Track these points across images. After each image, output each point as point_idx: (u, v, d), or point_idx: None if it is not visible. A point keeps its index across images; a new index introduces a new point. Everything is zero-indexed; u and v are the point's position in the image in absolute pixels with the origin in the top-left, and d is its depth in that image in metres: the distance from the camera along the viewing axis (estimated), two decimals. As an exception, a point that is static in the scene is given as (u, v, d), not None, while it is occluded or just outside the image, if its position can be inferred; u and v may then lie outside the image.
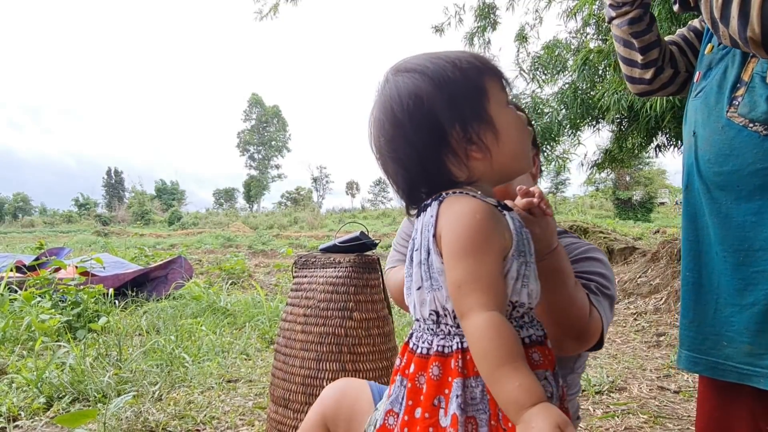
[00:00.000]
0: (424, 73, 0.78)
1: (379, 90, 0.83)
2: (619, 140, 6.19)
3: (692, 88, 1.10)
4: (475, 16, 6.94)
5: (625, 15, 1.16)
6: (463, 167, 0.79)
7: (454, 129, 0.77)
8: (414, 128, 0.77)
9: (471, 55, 0.82)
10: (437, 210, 0.76)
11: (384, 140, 0.81)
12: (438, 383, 0.73)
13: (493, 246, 0.72)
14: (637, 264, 6.31)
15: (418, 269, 0.78)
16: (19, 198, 57.12)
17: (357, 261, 1.96)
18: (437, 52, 0.82)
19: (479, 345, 0.68)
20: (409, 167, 0.80)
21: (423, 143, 0.78)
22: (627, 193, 28.69)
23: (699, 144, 1.02)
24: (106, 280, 5.02)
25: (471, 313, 0.69)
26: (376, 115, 0.82)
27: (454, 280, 0.71)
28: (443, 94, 0.77)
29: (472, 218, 0.72)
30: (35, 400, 2.37)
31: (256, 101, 60.89)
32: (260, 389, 2.67)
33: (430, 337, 0.77)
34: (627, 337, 3.99)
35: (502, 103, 0.81)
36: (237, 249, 14.85)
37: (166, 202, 51.30)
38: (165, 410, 2.31)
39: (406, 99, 0.77)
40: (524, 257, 0.76)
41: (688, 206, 1.08)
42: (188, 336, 3.61)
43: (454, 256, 0.72)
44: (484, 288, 0.69)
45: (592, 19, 5.64)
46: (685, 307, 1.09)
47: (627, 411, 2.37)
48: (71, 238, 21.70)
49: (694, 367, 1.04)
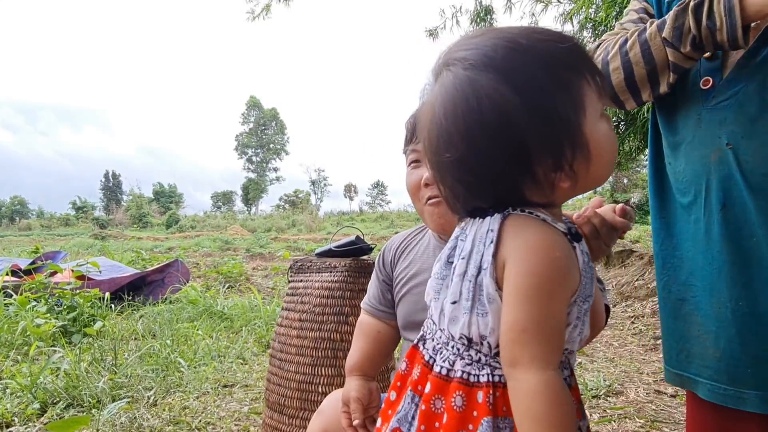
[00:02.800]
0: (510, 77, 0.61)
1: (442, 83, 0.66)
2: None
3: (697, 96, 1.00)
4: (472, 19, 6.96)
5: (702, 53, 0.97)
6: (543, 194, 0.66)
7: (543, 156, 0.63)
8: (493, 149, 0.63)
9: (565, 48, 0.64)
10: (500, 226, 0.65)
11: (451, 157, 0.65)
12: (461, 416, 0.65)
13: (565, 291, 0.63)
14: (635, 267, 6.32)
15: (458, 281, 0.67)
16: (16, 201, 57.00)
17: (353, 265, 1.95)
18: (520, 37, 0.64)
19: (533, 409, 0.59)
20: (477, 190, 0.67)
21: (501, 167, 0.64)
22: (625, 196, 28.74)
23: (745, 157, 0.92)
24: (102, 284, 5.00)
25: (529, 366, 0.60)
26: (440, 122, 0.65)
27: (516, 322, 0.61)
28: (534, 109, 0.61)
29: (551, 256, 0.62)
30: (29, 405, 2.35)
31: (254, 104, 60.91)
32: (256, 394, 2.66)
33: (452, 356, 0.68)
34: (624, 340, 3.98)
35: (597, 116, 0.66)
36: (235, 252, 14.82)
37: (163, 205, 51.21)
38: (160, 416, 2.30)
39: (489, 113, 0.62)
40: (588, 302, 0.68)
41: (728, 227, 0.95)
42: (184, 340, 3.60)
43: (523, 296, 0.62)
44: (546, 340, 0.61)
45: (589, 22, 5.65)
46: (740, 343, 0.94)
47: (624, 415, 2.37)
48: (68, 241, 21.65)
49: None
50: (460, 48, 0.66)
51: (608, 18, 4.81)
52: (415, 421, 0.69)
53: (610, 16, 4.74)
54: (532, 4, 6.66)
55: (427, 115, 0.68)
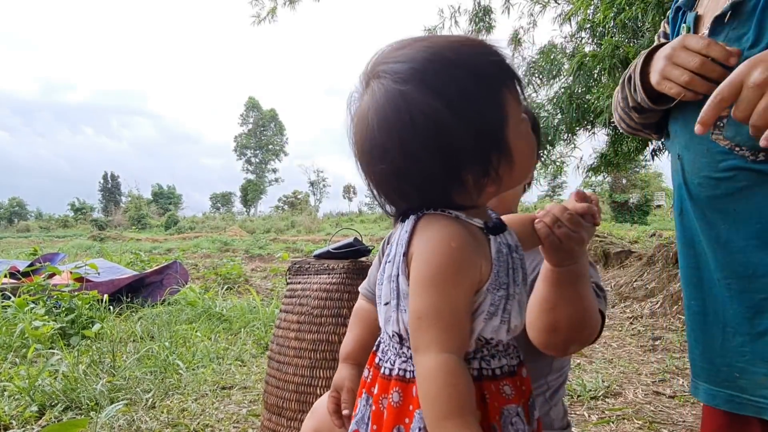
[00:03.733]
0: (442, 92, 0.65)
1: (373, 94, 0.68)
2: (614, 144, 6.21)
3: (669, 112, 1.06)
4: (471, 18, 6.96)
5: (647, 119, 1.08)
6: (469, 198, 0.70)
7: (473, 166, 0.67)
8: (426, 160, 0.66)
9: (489, 60, 0.68)
10: (412, 227, 0.70)
11: (386, 168, 0.68)
12: (398, 411, 0.68)
13: (463, 280, 0.66)
14: (633, 267, 6.33)
15: (388, 283, 0.72)
16: (14, 202, 56.92)
17: (351, 267, 1.95)
18: (444, 47, 0.67)
19: (429, 389, 0.63)
20: (410, 196, 0.70)
21: (432, 177, 0.67)
22: (623, 196, 28.77)
23: (686, 167, 0.98)
24: (100, 285, 4.99)
25: (426, 351, 0.64)
26: (373, 134, 0.68)
27: (414, 310, 0.66)
28: (466, 126, 0.65)
29: (446, 246, 0.66)
30: (27, 408, 2.35)
31: (252, 105, 60.92)
32: (255, 396, 2.66)
33: (393, 356, 0.73)
34: (623, 341, 3.99)
35: (518, 122, 0.70)
36: (233, 253, 14.82)
37: (162, 206, 51.18)
38: (158, 418, 2.30)
39: (421, 127, 0.65)
40: (505, 290, 0.70)
41: (685, 231, 1.03)
42: (183, 342, 3.60)
43: (419, 284, 0.66)
44: (445, 326, 0.64)
45: (587, 23, 5.66)
46: (694, 338, 1.04)
47: (622, 417, 2.37)
48: (67, 243, 21.63)
49: (712, 400, 0.98)
50: (389, 60, 0.69)
51: (606, 19, 4.82)
52: (370, 421, 0.72)
53: (608, 17, 4.75)
54: (530, 4, 6.67)
55: (359, 127, 0.70)
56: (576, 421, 2.35)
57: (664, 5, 3.94)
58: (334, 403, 0.99)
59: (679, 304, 4.56)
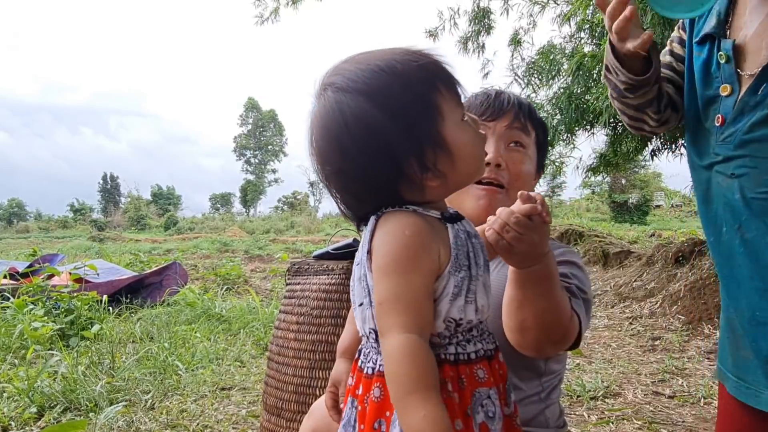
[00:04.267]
0: (371, 96, 0.71)
1: (318, 105, 0.76)
2: (614, 144, 6.22)
3: (713, 131, 1.03)
4: (470, 20, 6.97)
5: (644, 96, 1.09)
6: (418, 193, 0.75)
7: (409, 161, 0.72)
8: (365, 160, 0.72)
9: (420, 65, 0.74)
10: (374, 226, 0.74)
11: (331, 170, 0.75)
12: (379, 405, 0.71)
13: (420, 264, 0.70)
14: (633, 268, 6.32)
15: (358, 284, 0.76)
16: (14, 203, 56.86)
17: (350, 268, 1.94)
18: (378, 57, 0.74)
19: (391, 368, 0.66)
20: (360, 196, 0.76)
21: (375, 175, 0.73)
22: (623, 196, 28.76)
23: (744, 183, 0.99)
24: (100, 286, 4.99)
25: (389, 333, 0.67)
26: (318, 142, 0.75)
27: (376, 297, 0.70)
28: (396, 122, 0.71)
29: (401, 234, 0.70)
30: (26, 409, 2.35)
31: (252, 105, 60.89)
32: (254, 397, 2.66)
33: (374, 355, 0.75)
34: (622, 341, 3.99)
35: (455, 119, 0.75)
36: (233, 254, 14.80)
37: (162, 207, 51.09)
38: (157, 419, 2.29)
39: (355, 130, 0.71)
40: (467, 271, 0.74)
41: (746, 245, 1.01)
42: (182, 343, 3.59)
43: (379, 273, 0.70)
44: (404, 309, 0.67)
45: (586, 24, 5.66)
46: None
47: (621, 417, 2.37)
48: (66, 244, 21.62)
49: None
50: (332, 74, 0.76)
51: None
52: (356, 423, 0.74)
53: (607, 17, 4.74)
54: (529, 5, 6.68)
55: (309, 136, 0.78)
56: (575, 421, 2.35)
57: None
58: (332, 398, 1.00)
59: (678, 304, 4.56)
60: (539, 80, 6.38)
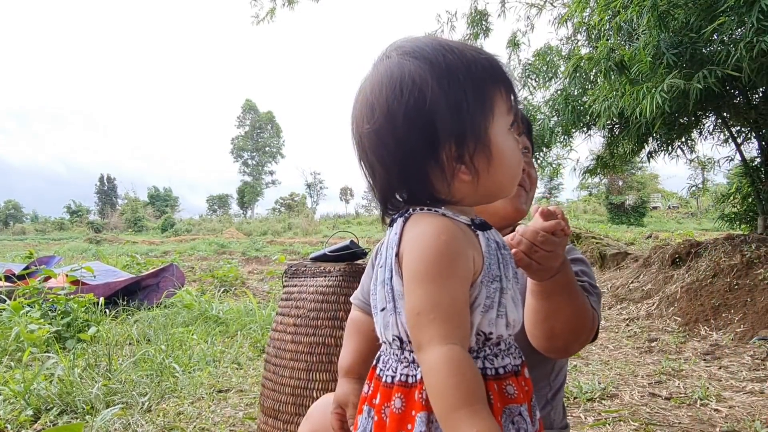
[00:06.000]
0: (436, 65, 0.69)
1: (376, 66, 0.74)
2: (610, 146, 6.24)
3: None
4: (468, 23, 7.00)
5: None
6: (446, 184, 0.71)
7: (449, 143, 0.69)
8: (406, 126, 0.68)
9: (488, 59, 0.73)
10: (402, 227, 0.71)
11: (369, 129, 0.71)
12: (400, 417, 0.67)
13: (457, 271, 0.65)
14: (630, 269, 6.34)
15: (381, 288, 0.72)
16: (11, 205, 56.64)
17: (347, 270, 1.95)
18: (453, 44, 0.73)
19: (435, 382, 0.61)
20: (390, 167, 0.71)
21: (411, 145, 0.69)
22: (620, 198, 28.81)
23: None
24: (96, 288, 4.98)
25: (429, 345, 0.62)
26: (366, 96, 0.72)
27: (412, 307, 0.65)
28: (449, 99, 0.68)
29: (436, 239, 0.66)
30: (22, 412, 2.34)
31: (249, 107, 60.83)
32: (251, 399, 2.65)
33: (395, 363, 0.71)
34: (619, 342, 3.99)
35: (505, 126, 0.73)
36: (230, 255, 14.77)
37: (159, 208, 50.97)
38: (154, 422, 2.29)
39: (408, 90, 0.68)
40: (498, 283, 0.70)
41: None
42: (179, 345, 3.58)
43: (414, 281, 0.66)
44: (445, 318, 0.63)
45: (583, 26, 5.68)
46: None
47: (618, 418, 2.37)
48: (63, 246, 21.55)
49: None
50: (400, 43, 0.74)
51: (602, 21, 4.84)
52: None
53: (603, 20, 4.77)
54: (526, 8, 6.70)
55: (358, 95, 0.75)
56: (572, 423, 2.35)
57: (659, 8, 3.96)
58: (338, 420, 0.98)
59: (675, 306, 4.57)
60: (536, 82, 6.40)
